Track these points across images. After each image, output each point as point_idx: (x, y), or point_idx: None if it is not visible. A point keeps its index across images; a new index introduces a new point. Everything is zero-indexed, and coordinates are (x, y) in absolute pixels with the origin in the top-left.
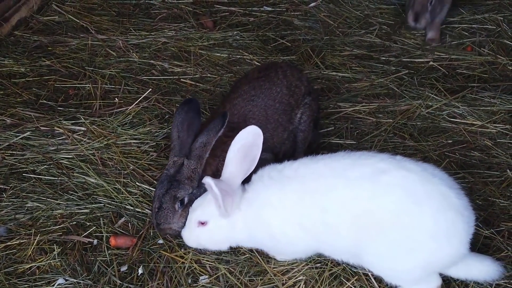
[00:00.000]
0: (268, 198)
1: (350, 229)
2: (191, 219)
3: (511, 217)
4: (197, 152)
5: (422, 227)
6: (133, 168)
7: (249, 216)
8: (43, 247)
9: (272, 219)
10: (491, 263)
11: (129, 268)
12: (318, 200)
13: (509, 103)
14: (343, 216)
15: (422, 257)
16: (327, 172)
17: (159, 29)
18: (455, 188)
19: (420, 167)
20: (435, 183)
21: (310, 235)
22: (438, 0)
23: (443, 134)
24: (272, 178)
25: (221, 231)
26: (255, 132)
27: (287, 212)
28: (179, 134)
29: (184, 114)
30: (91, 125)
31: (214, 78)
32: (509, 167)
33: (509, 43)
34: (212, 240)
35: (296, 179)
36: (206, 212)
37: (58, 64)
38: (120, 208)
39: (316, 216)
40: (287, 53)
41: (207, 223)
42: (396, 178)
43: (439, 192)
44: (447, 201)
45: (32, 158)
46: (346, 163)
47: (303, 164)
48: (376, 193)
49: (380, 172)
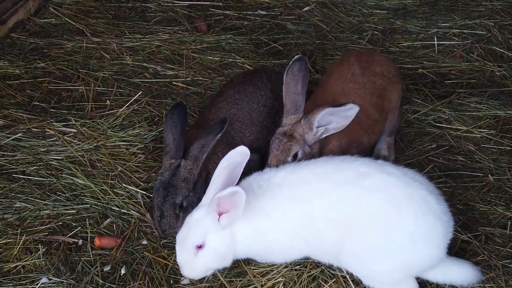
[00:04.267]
0: (261, 207)
1: (334, 232)
2: (185, 250)
3: (489, 221)
4: (195, 153)
5: (402, 230)
6: (121, 169)
7: (244, 227)
8: (28, 247)
9: (267, 228)
10: (469, 267)
11: (112, 268)
12: (306, 206)
13: (494, 108)
14: (328, 220)
15: (401, 260)
16: (313, 178)
17: (154, 32)
18: (435, 193)
19: (400, 171)
20: (416, 187)
21: (302, 240)
22: None
23: (428, 138)
24: (262, 187)
25: (224, 243)
26: (243, 153)
27: (281, 220)
28: (174, 137)
29: (176, 117)
30: (81, 127)
31: (205, 81)
32: (490, 172)
33: (497, 49)
34: (218, 256)
35: (285, 186)
36: (198, 232)
37: (53, 66)
38: (106, 209)
39: (306, 221)
40: (279, 57)
41: (203, 244)
42: (377, 181)
43: (419, 196)
44: (427, 205)
45: (22, 159)
46: (330, 167)
47: (289, 171)
48: (359, 196)
49: (362, 176)
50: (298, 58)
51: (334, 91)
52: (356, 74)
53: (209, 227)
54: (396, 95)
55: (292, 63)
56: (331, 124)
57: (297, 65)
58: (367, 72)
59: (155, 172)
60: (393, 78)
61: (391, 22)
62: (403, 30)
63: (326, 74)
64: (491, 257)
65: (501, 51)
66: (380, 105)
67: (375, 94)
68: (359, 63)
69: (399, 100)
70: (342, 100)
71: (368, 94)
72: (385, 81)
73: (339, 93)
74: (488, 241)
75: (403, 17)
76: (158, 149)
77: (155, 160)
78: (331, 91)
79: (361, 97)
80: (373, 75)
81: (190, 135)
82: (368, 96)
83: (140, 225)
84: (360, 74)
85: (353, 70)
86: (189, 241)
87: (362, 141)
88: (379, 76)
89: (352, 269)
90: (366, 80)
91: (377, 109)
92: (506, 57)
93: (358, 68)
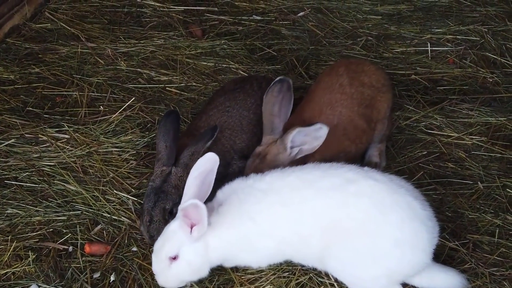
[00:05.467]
0: (247, 212)
1: (321, 238)
2: (160, 260)
3: (478, 229)
4: (185, 160)
5: (387, 235)
6: (112, 176)
7: (225, 232)
8: (19, 254)
9: (253, 233)
10: (454, 274)
11: (101, 275)
12: (293, 212)
13: (486, 115)
14: (315, 226)
15: (387, 266)
16: (300, 184)
17: (149, 37)
18: (420, 199)
19: (387, 177)
20: (401, 193)
21: (287, 246)
22: None
23: (419, 145)
24: (246, 192)
25: (197, 256)
26: (213, 159)
27: (267, 225)
28: (166, 144)
29: (169, 124)
30: (74, 133)
31: (199, 87)
32: (480, 179)
33: (491, 55)
34: (191, 270)
35: (272, 192)
36: (172, 244)
37: (47, 72)
38: (97, 216)
39: (292, 227)
40: (273, 63)
41: (177, 256)
42: (363, 187)
43: (405, 202)
44: (412, 211)
45: (15, 165)
46: (317, 174)
47: (275, 177)
48: (345, 202)
49: (349, 182)
50: (279, 80)
51: (321, 101)
52: (344, 85)
53: (182, 239)
54: (385, 105)
55: (273, 84)
56: (305, 145)
57: (277, 87)
58: (355, 83)
59: (147, 178)
60: (383, 88)
61: (385, 27)
62: (397, 35)
63: (315, 83)
64: (478, 264)
65: (494, 57)
66: (368, 115)
67: (363, 104)
68: (347, 74)
69: (389, 109)
70: (327, 111)
71: (355, 105)
72: (373, 91)
73: (326, 104)
74: (476, 249)
75: (398, 23)
76: (150, 155)
77: (146, 167)
78: (318, 102)
79: (348, 107)
80: (362, 85)
81: (180, 142)
82: (355, 106)
83: (131, 232)
84: (348, 84)
85: (342, 80)
86: (163, 252)
87: (350, 150)
88: (367, 87)
89: (338, 275)
90: (354, 91)
91: (365, 119)
92: (499, 63)
93: (346, 79)
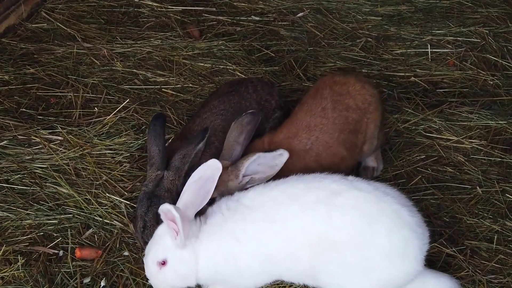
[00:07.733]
0: (231, 230)
1: (309, 253)
2: (149, 264)
3: (476, 235)
4: (176, 163)
5: (377, 246)
6: (105, 179)
7: (211, 250)
8: (8, 258)
9: (236, 252)
10: (447, 279)
11: (92, 280)
12: (279, 228)
13: (486, 118)
14: (302, 242)
15: (378, 277)
16: (285, 199)
17: (146, 37)
18: (408, 205)
19: (372, 186)
20: (388, 201)
21: (274, 264)
22: None
23: (417, 149)
24: (230, 208)
25: (184, 264)
26: (214, 167)
27: (252, 244)
28: (159, 148)
29: (158, 128)
30: (68, 135)
31: (195, 88)
32: (479, 184)
33: (491, 57)
34: (178, 277)
35: (256, 209)
36: (161, 248)
37: (42, 72)
38: (89, 219)
39: (279, 244)
40: (271, 64)
41: (166, 261)
42: (349, 199)
43: (392, 211)
44: (400, 219)
45: (7, 167)
46: (301, 188)
47: (259, 192)
48: (332, 216)
49: (334, 194)
50: (251, 113)
51: (299, 124)
52: (326, 109)
53: (168, 245)
54: (372, 125)
55: (245, 115)
56: (257, 174)
57: (248, 118)
58: (339, 107)
59: (140, 181)
60: (369, 108)
61: (385, 28)
62: (397, 37)
63: (299, 105)
64: (475, 272)
65: (495, 59)
66: (352, 141)
67: (345, 130)
68: (331, 96)
69: (377, 128)
70: (303, 134)
71: (336, 131)
72: (359, 114)
73: (303, 127)
74: (474, 256)
75: (398, 24)
76: (143, 158)
77: (140, 169)
78: (296, 124)
79: (328, 133)
80: (346, 109)
81: (174, 145)
82: (336, 132)
83: (123, 236)
84: (331, 108)
85: (325, 104)
86: (150, 257)
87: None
88: (352, 110)
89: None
90: (337, 115)
91: (347, 146)
92: (500, 66)
93: (330, 102)
